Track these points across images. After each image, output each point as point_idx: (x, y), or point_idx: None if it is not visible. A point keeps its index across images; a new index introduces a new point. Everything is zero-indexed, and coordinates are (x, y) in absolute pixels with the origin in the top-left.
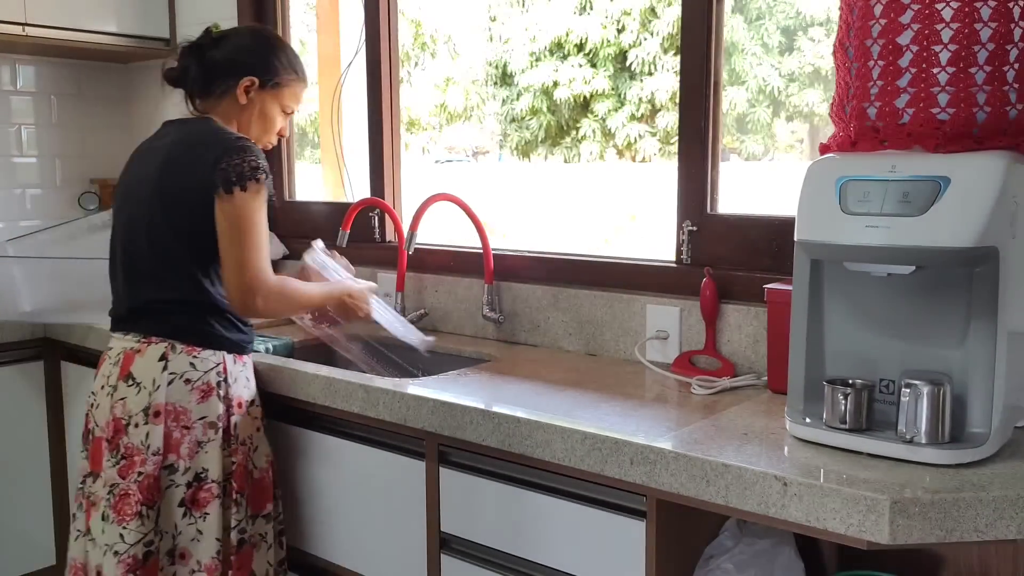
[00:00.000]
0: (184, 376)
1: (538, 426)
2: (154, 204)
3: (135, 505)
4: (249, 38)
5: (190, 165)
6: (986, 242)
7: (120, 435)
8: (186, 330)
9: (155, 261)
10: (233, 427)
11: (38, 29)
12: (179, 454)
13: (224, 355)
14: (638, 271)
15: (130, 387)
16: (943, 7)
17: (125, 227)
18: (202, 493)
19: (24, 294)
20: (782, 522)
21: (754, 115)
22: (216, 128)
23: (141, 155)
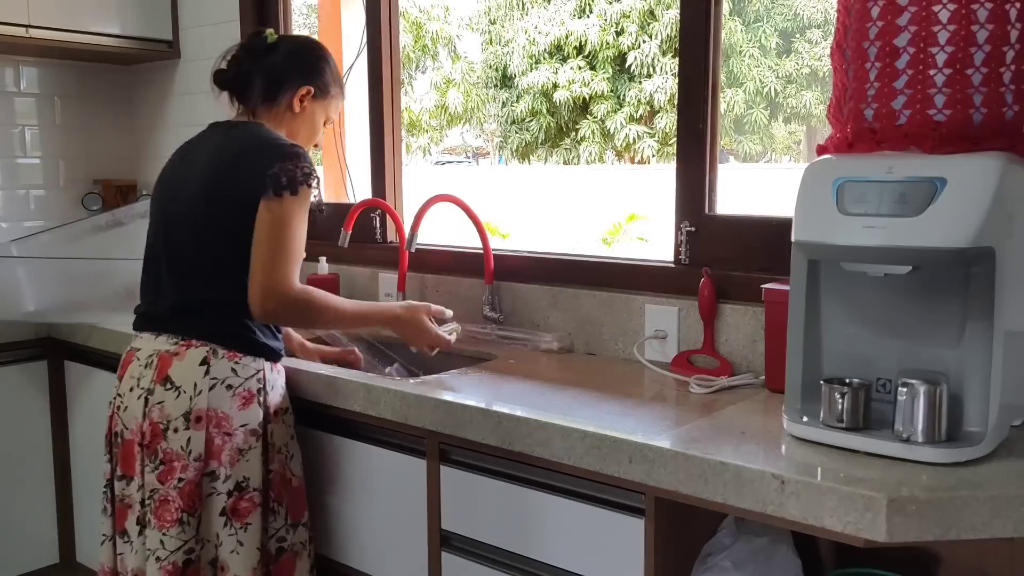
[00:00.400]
0: (226, 382)
1: (538, 425)
2: (203, 203)
3: (175, 512)
4: (305, 48)
5: (244, 167)
6: (982, 242)
7: (158, 440)
8: (228, 334)
9: (202, 261)
10: (271, 435)
11: (41, 31)
12: (221, 461)
13: (264, 362)
14: (637, 271)
15: (168, 391)
16: (940, 9)
17: (171, 225)
18: (243, 503)
19: (28, 294)
20: (780, 520)
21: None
22: (270, 133)
23: (187, 154)
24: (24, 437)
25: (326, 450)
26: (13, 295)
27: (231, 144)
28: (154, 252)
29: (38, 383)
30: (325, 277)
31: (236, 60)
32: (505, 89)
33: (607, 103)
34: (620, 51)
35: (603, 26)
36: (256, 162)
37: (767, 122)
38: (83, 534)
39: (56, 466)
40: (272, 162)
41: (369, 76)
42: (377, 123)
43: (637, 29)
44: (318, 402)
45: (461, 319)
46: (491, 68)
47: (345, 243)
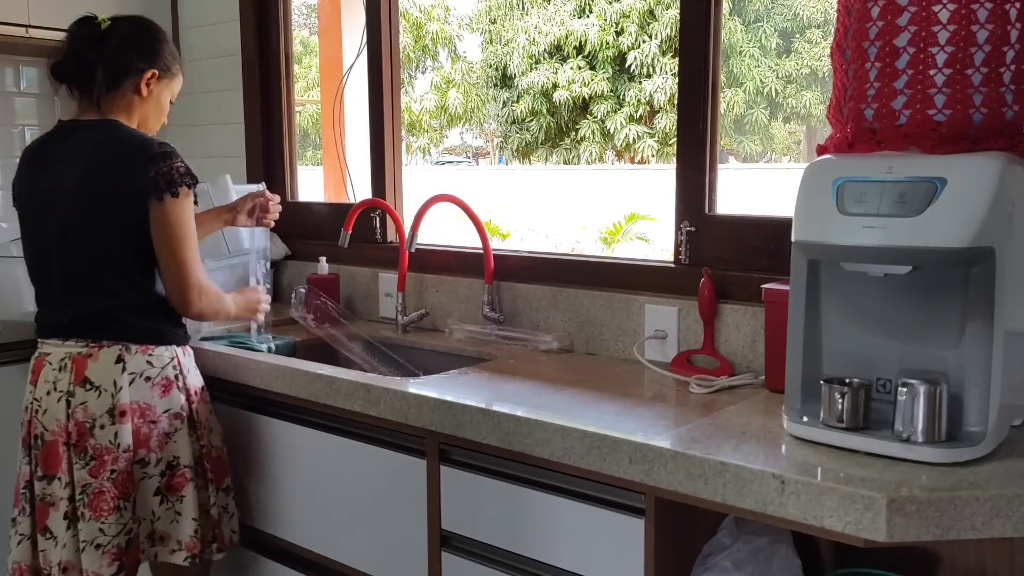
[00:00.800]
0: (143, 375)
1: (538, 425)
2: (83, 214)
3: (111, 500)
4: (142, 30)
5: (116, 175)
6: (982, 242)
7: (86, 438)
8: (139, 332)
9: (96, 269)
10: (195, 414)
11: (41, 31)
12: (150, 447)
13: (176, 349)
14: (637, 271)
15: (89, 391)
16: (940, 9)
17: (56, 237)
18: (176, 479)
19: (27, 294)
20: (780, 520)
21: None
22: (130, 132)
23: (47, 161)
24: None
25: (326, 450)
26: (12, 295)
27: (97, 148)
28: (42, 262)
29: None
30: (325, 277)
31: (73, 51)
32: (505, 89)
33: (607, 103)
34: (620, 51)
35: (603, 26)
36: (128, 166)
37: (767, 122)
38: None
39: None
40: (144, 165)
41: (369, 76)
42: (377, 123)
43: (637, 29)
44: (317, 401)
45: (461, 319)
46: (491, 68)
47: (345, 243)
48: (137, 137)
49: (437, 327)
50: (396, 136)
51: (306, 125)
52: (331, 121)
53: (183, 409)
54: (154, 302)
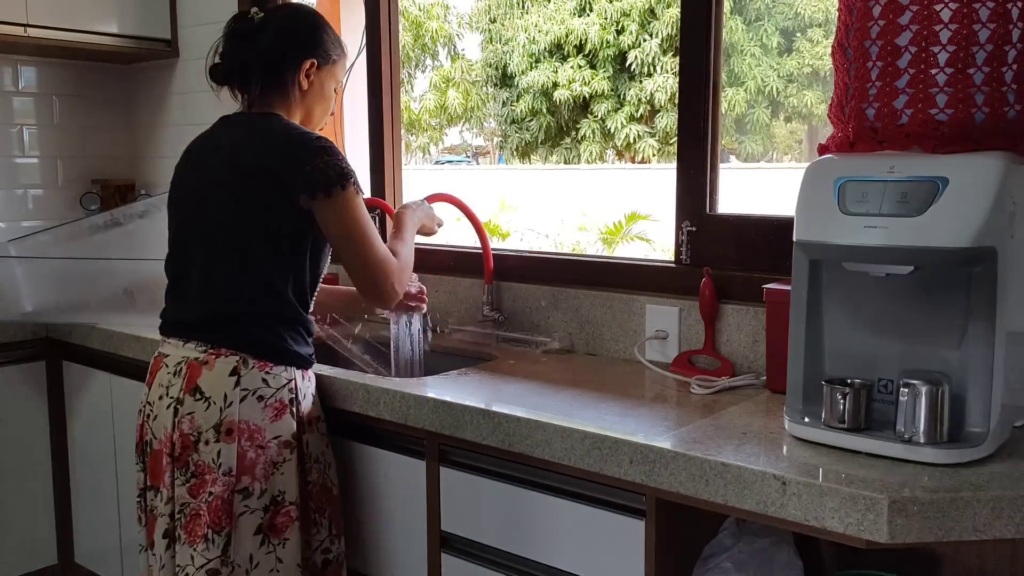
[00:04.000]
0: (257, 393)
1: (538, 425)
2: (229, 208)
3: (203, 527)
4: (297, 19)
5: (264, 168)
6: (984, 242)
7: (189, 452)
8: (258, 343)
9: (233, 267)
10: (306, 445)
11: (39, 30)
12: (254, 476)
13: (295, 371)
14: (637, 271)
15: (198, 401)
16: (941, 8)
17: (199, 230)
18: (280, 518)
19: (26, 294)
20: (781, 521)
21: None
22: (288, 126)
23: (203, 154)
24: (22, 438)
25: None
26: (11, 295)
27: (252, 141)
28: (181, 257)
29: (36, 383)
30: (325, 277)
31: (229, 51)
32: (505, 88)
33: (607, 102)
34: (620, 50)
35: (603, 25)
36: (284, 161)
37: (768, 121)
38: (82, 535)
39: (54, 467)
40: (302, 161)
41: (369, 76)
42: (377, 122)
43: (637, 28)
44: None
45: (461, 319)
46: (491, 67)
47: None
48: (295, 132)
49: (437, 327)
50: (396, 135)
51: None
52: (330, 120)
53: (294, 438)
54: (285, 314)
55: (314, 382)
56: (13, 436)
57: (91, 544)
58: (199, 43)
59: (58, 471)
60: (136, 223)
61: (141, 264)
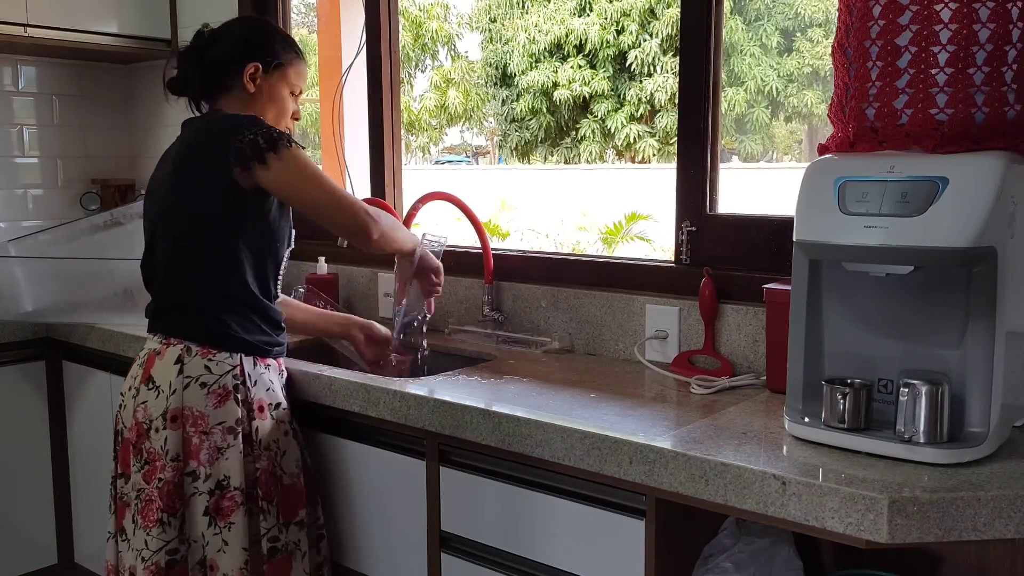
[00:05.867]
0: (199, 379)
1: (538, 425)
2: (172, 200)
3: (156, 512)
4: (243, 27)
5: (202, 152)
6: (984, 242)
7: (143, 439)
8: (200, 331)
9: (179, 258)
10: (255, 432)
11: (39, 30)
12: (199, 460)
13: (241, 357)
14: (637, 271)
15: (150, 390)
16: (941, 8)
17: (155, 226)
18: (225, 501)
19: (26, 294)
20: (781, 521)
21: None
22: (222, 115)
23: (164, 157)
24: (22, 438)
25: (325, 450)
26: (11, 295)
27: (191, 133)
28: (147, 255)
29: (36, 383)
30: (324, 277)
31: (180, 62)
32: (505, 88)
33: (607, 102)
34: (620, 50)
35: (603, 24)
36: (212, 142)
37: (768, 121)
38: (82, 535)
39: (54, 467)
40: (228, 136)
41: (368, 75)
42: (376, 122)
43: (637, 28)
44: (317, 402)
45: (461, 319)
46: (491, 67)
47: (344, 243)
48: (221, 115)
49: (437, 327)
50: (395, 135)
51: (305, 124)
52: (330, 120)
53: (239, 424)
54: (228, 300)
55: (274, 370)
56: (13, 436)
57: (91, 544)
58: None
59: (58, 471)
60: (136, 223)
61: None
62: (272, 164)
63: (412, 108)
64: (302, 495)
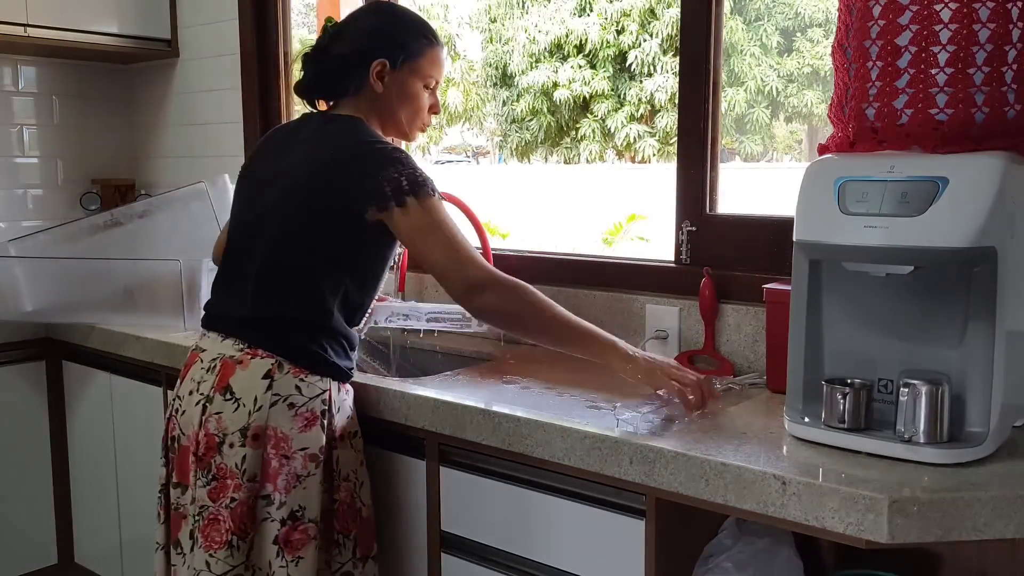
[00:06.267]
0: (288, 399)
1: (538, 425)
2: (287, 207)
3: (225, 533)
4: (368, 18)
5: (333, 175)
6: (984, 242)
7: (212, 453)
8: (297, 348)
9: (291, 273)
10: (336, 461)
11: (39, 30)
12: (276, 485)
13: (331, 382)
14: (637, 271)
15: (228, 401)
16: (941, 8)
17: (260, 226)
18: (297, 534)
19: (26, 294)
20: (781, 521)
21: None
22: (360, 135)
23: (279, 150)
24: (22, 438)
25: None
26: (11, 295)
27: (327, 150)
28: (238, 249)
29: (36, 383)
30: None
31: (305, 64)
32: (505, 88)
33: (607, 102)
34: (620, 50)
35: (603, 25)
36: (352, 170)
37: (768, 121)
38: (82, 535)
39: (54, 467)
40: (370, 171)
41: None
42: None
43: (638, 28)
44: None
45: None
46: (491, 67)
47: None
48: (364, 139)
49: None
50: None
51: None
52: None
53: (321, 452)
54: (329, 325)
55: (352, 396)
56: (13, 436)
57: (91, 544)
58: (199, 43)
59: (58, 471)
60: (136, 223)
61: (141, 264)
62: (411, 208)
63: None
64: (375, 529)
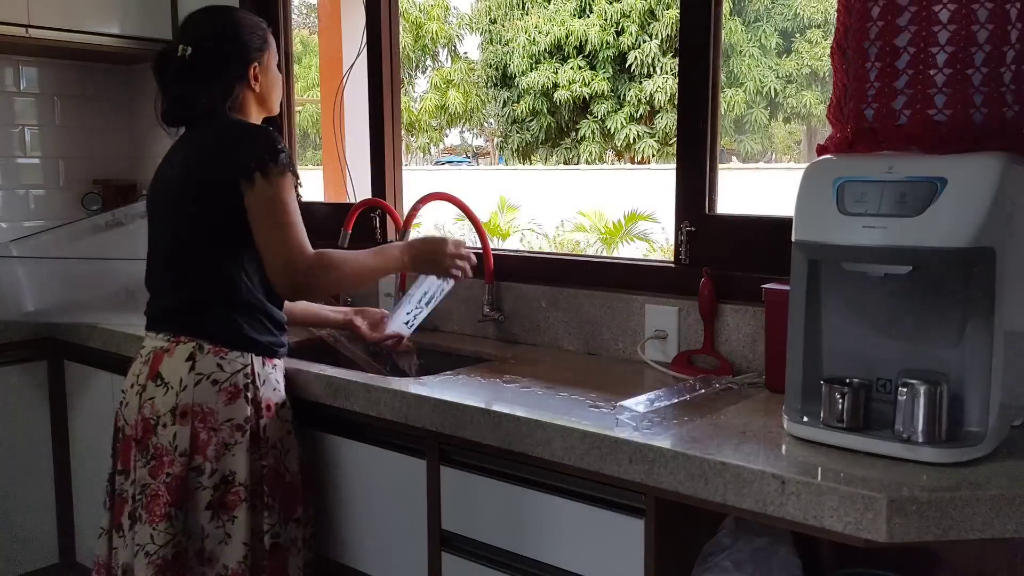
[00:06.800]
0: (211, 377)
1: (538, 425)
2: (181, 203)
3: (164, 506)
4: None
5: (211, 159)
6: (982, 242)
7: (149, 435)
8: (214, 330)
9: (187, 260)
10: (263, 430)
11: (41, 31)
12: (206, 456)
13: (252, 357)
14: (637, 271)
15: (158, 387)
16: (940, 9)
17: (160, 225)
18: (229, 496)
19: (28, 294)
20: (780, 520)
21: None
22: (228, 122)
23: (168, 156)
24: (24, 437)
25: (326, 450)
26: (13, 295)
27: (200, 137)
28: (151, 252)
29: (38, 383)
30: None
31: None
32: (505, 89)
33: (607, 103)
34: (620, 51)
35: (603, 26)
36: (221, 150)
37: (767, 122)
38: (83, 534)
39: (56, 466)
40: (234, 147)
41: (369, 76)
42: (377, 123)
43: (637, 29)
44: (318, 402)
45: (461, 319)
46: (491, 68)
47: (345, 243)
48: (235, 124)
49: (437, 327)
50: (396, 136)
51: (306, 125)
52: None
53: (247, 422)
54: (240, 301)
55: (279, 370)
56: (14, 436)
57: (92, 543)
58: None
59: (59, 470)
60: (137, 223)
61: (142, 264)
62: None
63: (412, 109)
64: (299, 493)
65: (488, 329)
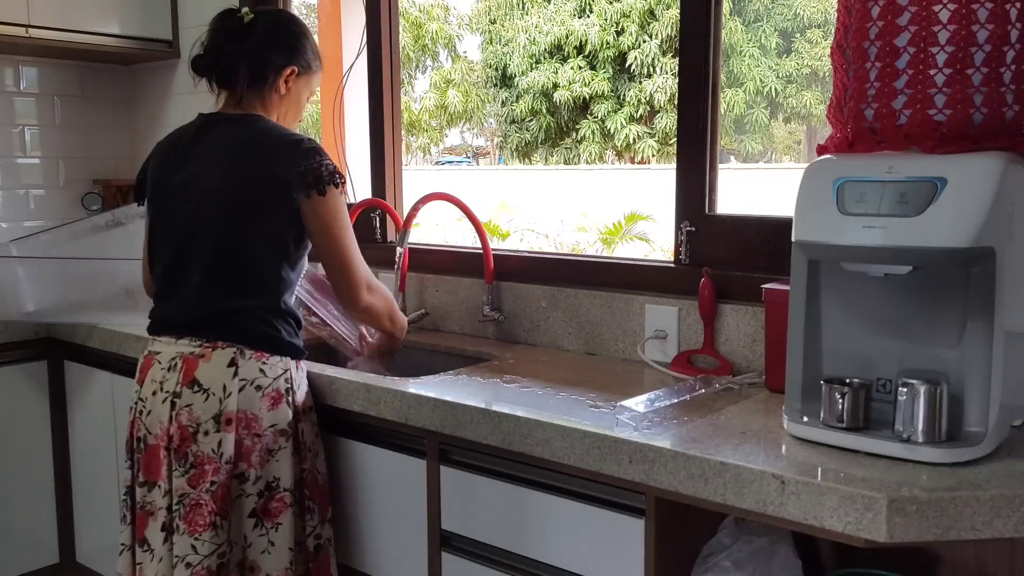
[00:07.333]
0: (255, 383)
1: (538, 424)
2: (219, 206)
3: (208, 516)
4: (283, 25)
5: (260, 168)
6: (983, 242)
7: (188, 443)
8: (255, 335)
9: (225, 264)
10: (301, 434)
11: (41, 31)
12: (250, 463)
13: (290, 361)
14: (637, 271)
15: (196, 393)
16: (940, 9)
17: (191, 231)
18: (274, 503)
19: (28, 294)
20: (780, 520)
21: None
22: (276, 128)
23: (188, 154)
24: (24, 437)
25: (326, 449)
26: (13, 295)
27: (243, 144)
28: (175, 259)
29: (38, 383)
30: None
31: (215, 45)
32: (505, 89)
33: (607, 103)
34: (620, 51)
35: (603, 26)
36: (273, 160)
37: (767, 122)
38: (83, 534)
39: (56, 466)
40: (292, 160)
41: (369, 76)
42: (377, 123)
43: (637, 29)
44: (318, 401)
45: (461, 319)
46: (491, 68)
47: None
48: (284, 133)
49: (437, 327)
50: (396, 136)
51: (306, 125)
52: (331, 121)
53: (290, 427)
54: (278, 306)
55: (305, 373)
56: (14, 436)
57: (92, 543)
58: None
59: (59, 470)
60: (137, 223)
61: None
62: (327, 197)
63: (412, 109)
64: (328, 493)
65: (488, 329)
